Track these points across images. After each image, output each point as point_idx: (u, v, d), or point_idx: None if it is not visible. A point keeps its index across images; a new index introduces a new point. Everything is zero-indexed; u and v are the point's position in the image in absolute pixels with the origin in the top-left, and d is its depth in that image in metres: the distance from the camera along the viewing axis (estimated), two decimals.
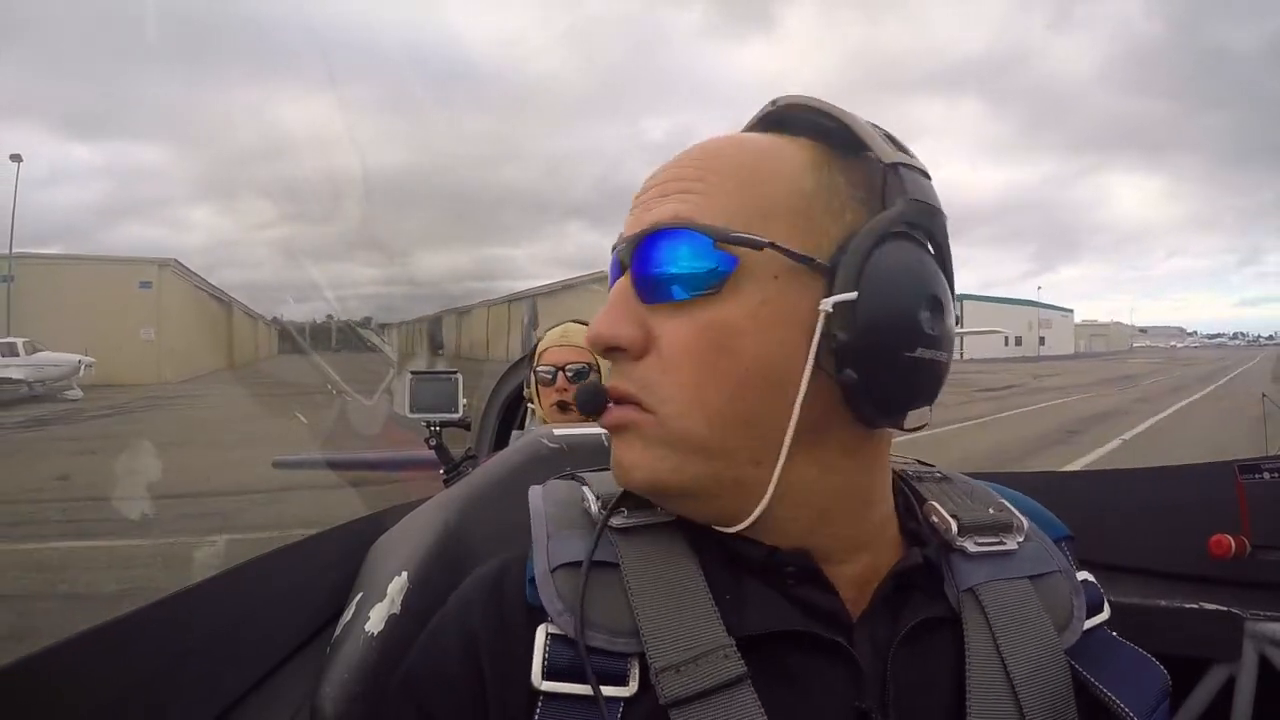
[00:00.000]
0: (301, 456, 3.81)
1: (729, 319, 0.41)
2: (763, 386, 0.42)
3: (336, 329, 78.21)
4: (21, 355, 16.46)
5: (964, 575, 0.46)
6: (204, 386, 20.67)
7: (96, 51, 63.45)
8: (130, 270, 23.88)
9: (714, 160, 0.45)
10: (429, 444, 1.98)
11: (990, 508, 0.51)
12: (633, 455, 0.44)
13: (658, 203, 0.45)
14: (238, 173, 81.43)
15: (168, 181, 70.66)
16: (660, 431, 0.43)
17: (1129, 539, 1.07)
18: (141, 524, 5.22)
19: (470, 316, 39.31)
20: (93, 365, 17.69)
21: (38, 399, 15.45)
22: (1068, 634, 0.46)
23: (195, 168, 75.02)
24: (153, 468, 7.14)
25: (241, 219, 79.01)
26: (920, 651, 0.43)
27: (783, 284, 0.41)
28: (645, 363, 0.43)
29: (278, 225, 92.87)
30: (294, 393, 16.34)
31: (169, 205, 70.01)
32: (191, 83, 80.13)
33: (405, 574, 0.69)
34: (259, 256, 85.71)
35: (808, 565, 0.44)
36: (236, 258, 36.32)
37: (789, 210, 0.43)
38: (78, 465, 7.98)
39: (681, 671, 0.40)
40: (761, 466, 0.42)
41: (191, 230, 67.81)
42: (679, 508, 0.46)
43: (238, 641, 0.66)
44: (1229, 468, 0.99)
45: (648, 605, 0.43)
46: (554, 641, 0.42)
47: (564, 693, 0.41)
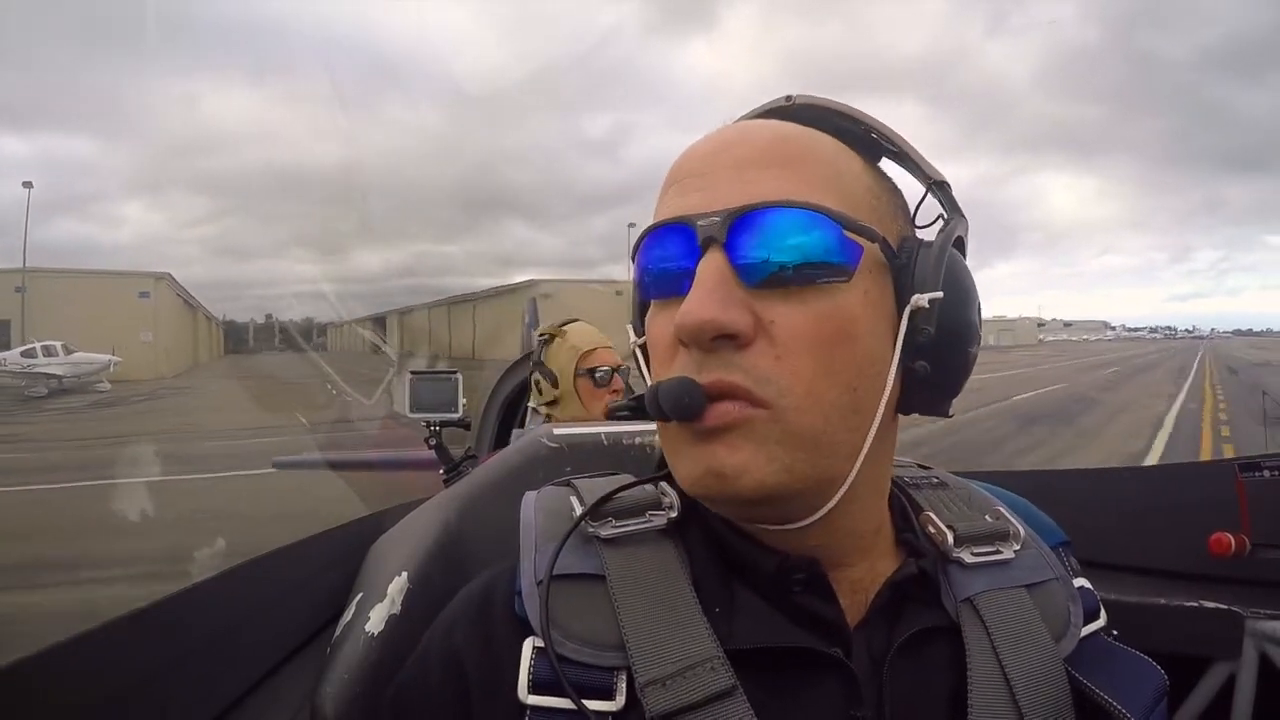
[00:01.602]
0: (301, 457, 3.81)
1: (849, 308, 0.41)
2: (869, 378, 0.41)
3: (279, 328, 77.01)
4: (60, 355, 20.17)
5: (961, 585, 0.46)
6: (192, 380, 25.13)
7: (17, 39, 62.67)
8: (132, 282, 29.06)
9: (793, 144, 0.43)
10: (429, 444, 1.97)
11: (987, 515, 0.50)
12: (741, 458, 0.39)
13: (744, 177, 0.41)
14: (169, 167, 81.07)
15: (97, 175, 70.20)
16: (775, 428, 0.39)
17: (1129, 538, 1.07)
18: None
19: (411, 316, 40.22)
20: (119, 363, 21.82)
21: (67, 392, 19.07)
22: (1065, 642, 0.46)
23: (125, 161, 74.57)
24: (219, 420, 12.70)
25: (174, 214, 78.38)
26: (916, 661, 0.43)
27: (876, 277, 0.42)
28: (753, 351, 0.39)
29: (209, 222, 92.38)
30: (267, 382, 21.34)
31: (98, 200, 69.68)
32: (122, 72, 79.41)
33: (405, 574, 0.69)
34: (190, 254, 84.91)
35: (816, 573, 0.43)
36: (168, 255, 36.70)
37: (868, 208, 0.44)
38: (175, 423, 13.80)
39: (667, 685, 0.39)
40: (849, 461, 0.42)
41: (121, 226, 67.31)
42: (754, 513, 0.43)
43: (238, 641, 0.66)
44: (1229, 466, 0.99)
45: (634, 617, 0.42)
46: (539, 655, 0.42)
47: (550, 706, 0.41)
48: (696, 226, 0.41)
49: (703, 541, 0.46)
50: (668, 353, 0.43)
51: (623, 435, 0.89)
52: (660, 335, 0.43)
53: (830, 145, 0.45)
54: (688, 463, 0.42)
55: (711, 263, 0.40)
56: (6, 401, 17.36)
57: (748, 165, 0.42)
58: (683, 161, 0.45)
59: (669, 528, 0.46)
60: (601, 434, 0.90)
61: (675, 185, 0.44)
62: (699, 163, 0.44)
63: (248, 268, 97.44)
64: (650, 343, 0.45)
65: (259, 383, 23.04)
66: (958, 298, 0.43)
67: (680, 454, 0.42)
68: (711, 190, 0.42)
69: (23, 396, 18.01)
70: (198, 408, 17.03)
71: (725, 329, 0.39)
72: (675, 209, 0.43)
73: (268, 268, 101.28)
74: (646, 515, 0.46)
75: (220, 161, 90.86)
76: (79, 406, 16.96)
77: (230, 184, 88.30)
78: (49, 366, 19.73)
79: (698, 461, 0.41)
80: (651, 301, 0.45)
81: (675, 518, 0.47)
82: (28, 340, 21.66)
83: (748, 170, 0.42)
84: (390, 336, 39.39)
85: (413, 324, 39.83)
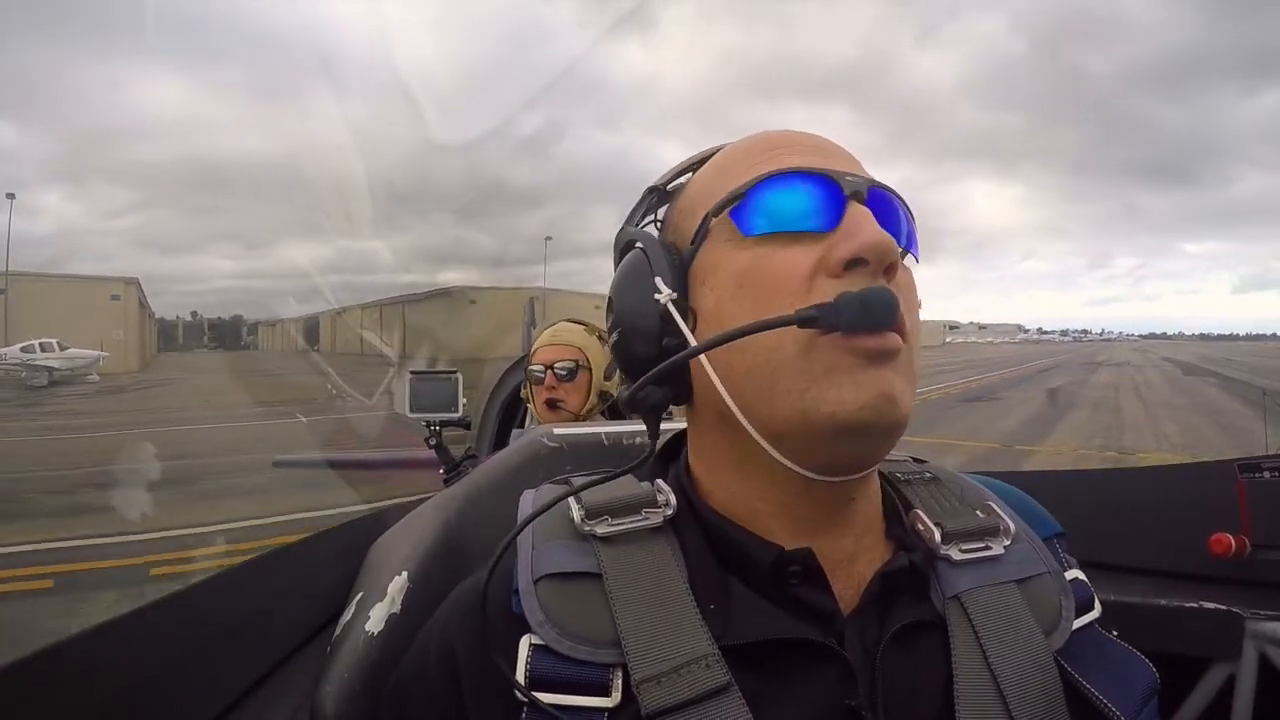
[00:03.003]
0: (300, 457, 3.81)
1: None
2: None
3: (209, 325, 77.26)
4: (55, 351, 23.12)
5: (949, 583, 0.46)
6: (154, 374, 28.47)
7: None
8: (105, 287, 33.08)
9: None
10: (429, 444, 1.98)
11: (978, 510, 0.51)
12: (902, 384, 0.42)
13: (854, 161, 0.48)
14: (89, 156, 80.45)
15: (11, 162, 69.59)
16: (909, 363, 0.43)
17: (1129, 538, 1.07)
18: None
19: (344, 315, 41.03)
20: (107, 358, 24.83)
21: (61, 383, 21.34)
22: (1056, 636, 0.46)
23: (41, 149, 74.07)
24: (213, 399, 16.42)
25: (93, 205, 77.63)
26: (908, 652, 0.44)
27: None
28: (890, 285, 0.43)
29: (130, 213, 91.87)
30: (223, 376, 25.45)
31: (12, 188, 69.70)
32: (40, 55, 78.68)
33: (405, 573, 0.69)
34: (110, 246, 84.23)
35: (811, 565, 0.44)
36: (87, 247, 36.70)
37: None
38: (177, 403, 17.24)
39: (663, 682, 0.40)
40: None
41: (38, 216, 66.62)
42: (876, 448, 0.44)
43: (238, 641, 0.66)
44: (1229, 467, 1.00)
45: (630, 615, 0.42)
46: (536, 652, 0.42)
47: (546, 703, 0.41)
48: (843, 180, 0.44)
49: (698, 538, 0.46)
50: (800, 284, 0.42)
51: (623, 435, 0.89)
52: (791, 267, 0.43)
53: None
54: (852, 388, 0.40)
55: (863, 209, 0.43)
56: (15, 389, 19.92)
57: (856, 160, 0.48)
58: (782, 136, 0.49)
59: (664, 525, 0.47)
60: (601, 434, 0.90)
61: (782, 149, 0.47)
62: (808, 139, 0.48)
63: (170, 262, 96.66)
64: (763, 278, 0.43)
65: (221, 378, 26.60)
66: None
67: (836, 380, 0.41)
68: (833, 161, 0.46)
69: (26, 385, 20.53)
70: (196, 391, 20.58)
71: (896, 257, 0.43)
72: (805, 164, 0.45)
73: (191, 263, 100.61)
74: (642, 513, 0.47)
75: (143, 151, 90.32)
76: (90, 393, 19.76)
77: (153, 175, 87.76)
78: (46, 360, 22.28)
79: (868, 386, 0.40)
80: (755, 239, 0.44)
81: (670, 515, 0.47)
82: (10, 338, 24.74)
83: (858, 164, 0.48)
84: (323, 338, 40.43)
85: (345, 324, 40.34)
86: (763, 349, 0.42)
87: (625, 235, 0.52)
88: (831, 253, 0.42)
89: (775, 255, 0.43)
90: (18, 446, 10.29)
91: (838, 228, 0.43)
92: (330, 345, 42.09)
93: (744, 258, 0.44)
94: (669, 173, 0.54)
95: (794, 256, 0.43)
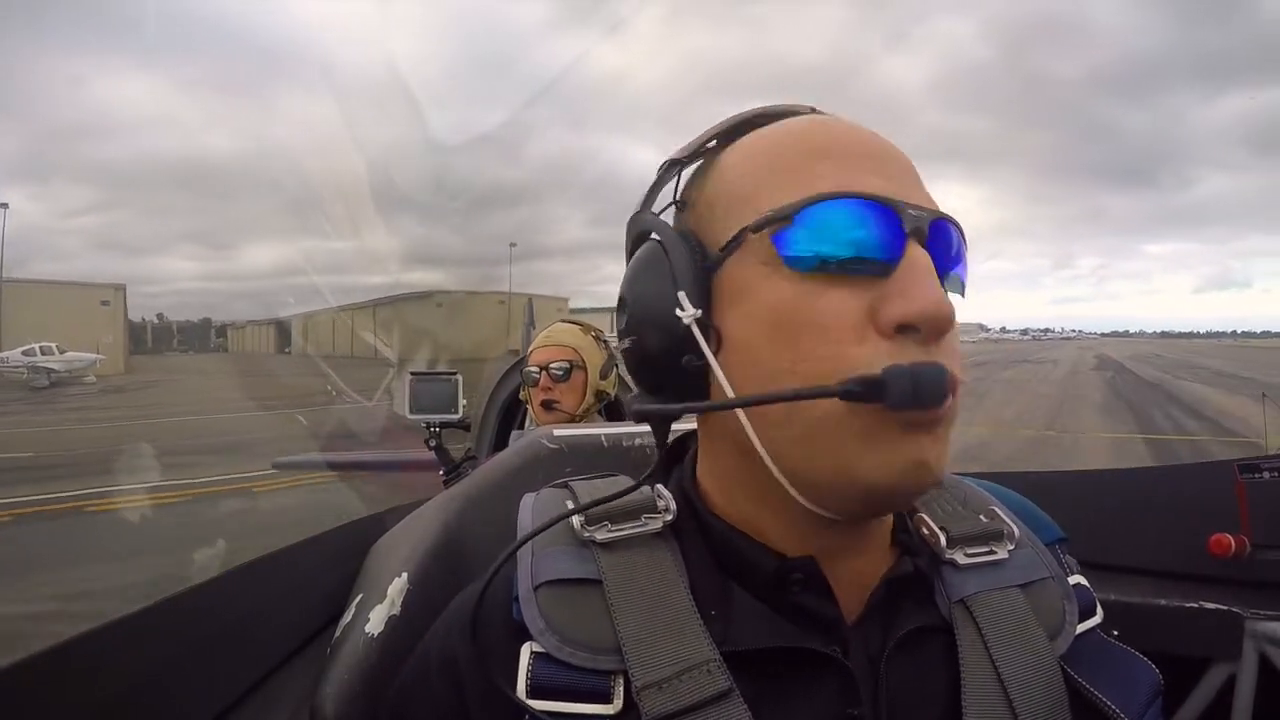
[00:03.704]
0: (301, 458, 3.81)
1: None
2: None
3: (177, 329, 77.36)
4: (55, 354, 24.49)
5: (954, 587, 0.46)
6: (141, 376, 29.73)
7: None
8: (95, 292, 35.73)
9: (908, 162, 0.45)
10: (429, 444, 1.97)
11: (982, 515, 0.50)
12: (943, 451, 0.39)
13: (918, 183, 0.43)
14: (50, 153, 79.88)
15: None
16: (952, 423, 0.40)
17: (1129, 539, 1.07)
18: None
19: (315, 319, 42.11)
20: (104, 360, 26.61)
21: (60, 385, 22.79)
22: (1060, 640, 0.46)
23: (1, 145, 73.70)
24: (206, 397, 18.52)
25: (54, 205, 77.06)
26: (912, 659, 0.43)
27: None
28: (940, 349, 0.39)
29: (91, 213, 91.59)
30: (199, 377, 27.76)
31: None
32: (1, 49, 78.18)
33: (405, 575, 0.69)
34: (71, 247, 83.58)
35: (814, 572, 0.43)
36: (48, 246, 36.98)
37: None
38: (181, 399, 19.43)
39: (664, 688, 0.39)
40: None
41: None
42: (899, 506, 0.44)
43: (238, 641, 0.66)
44: (1229, 467, 1.00)
45: (630, 621, 0.42)
46: (537, 660, 0.42)
47: (548, 710, 0.41)
48: (905, 214, 0.39)
49: (699, 544, 0.46)
50: (848, 334, 0.38)
51: (623, 436, 0.89)
52: (837, 312, 0.39)
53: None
54: (889, 454, 0.38)
55: (923, 256, 0.39)
56: (20, 390, 21.22)
57: (915, 173, 0.43)
58: (839, 133, 0.43)
59: (665, 531, 0.46)
60: (601, 435, 0.90)
61: (835, 157, 0.42)
62: (867, 142, 0.43)
63: (133, 264, 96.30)
64: (805, 319, 0.39)
65: (206, 379, 28.25)
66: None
67: (874, 446, 0.38)
68: (892, 179, 0.41)
69: (28, 386, 21.79)
70: (188, 390, 22.87)
71: (951, 322, 0.39)
72: (864, 186, 0.40)
73: (153, 265, 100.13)
74: (642, 519, 0.46)
75: (107, 149, 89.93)
76: (95, 392, 21.46)
77: (116, 174, 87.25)
78: (47, 362, 23.78)
79: (902, 453, 0.38)
80: (794, 273, 0.40)
81: (671, 521, 0.47)
82: (6, 342, 26.40)
83: (918, 180, 0.43)
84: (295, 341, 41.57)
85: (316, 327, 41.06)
86: (803, 404, 0.39)
87: (641, 223, 0.48)
88: (884, 307, 0.38)
89: (821, 297, 0.39)
90: (88, 431, 12.55)
91: (894, 273, 0.39)
92: (303, 348, 43.31)
93: (784, 290, 0.40)
94: (694, 142, 0.48)
95: (841, 302, 0.39)
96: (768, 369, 0.40)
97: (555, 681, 0.41)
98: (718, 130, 0.47)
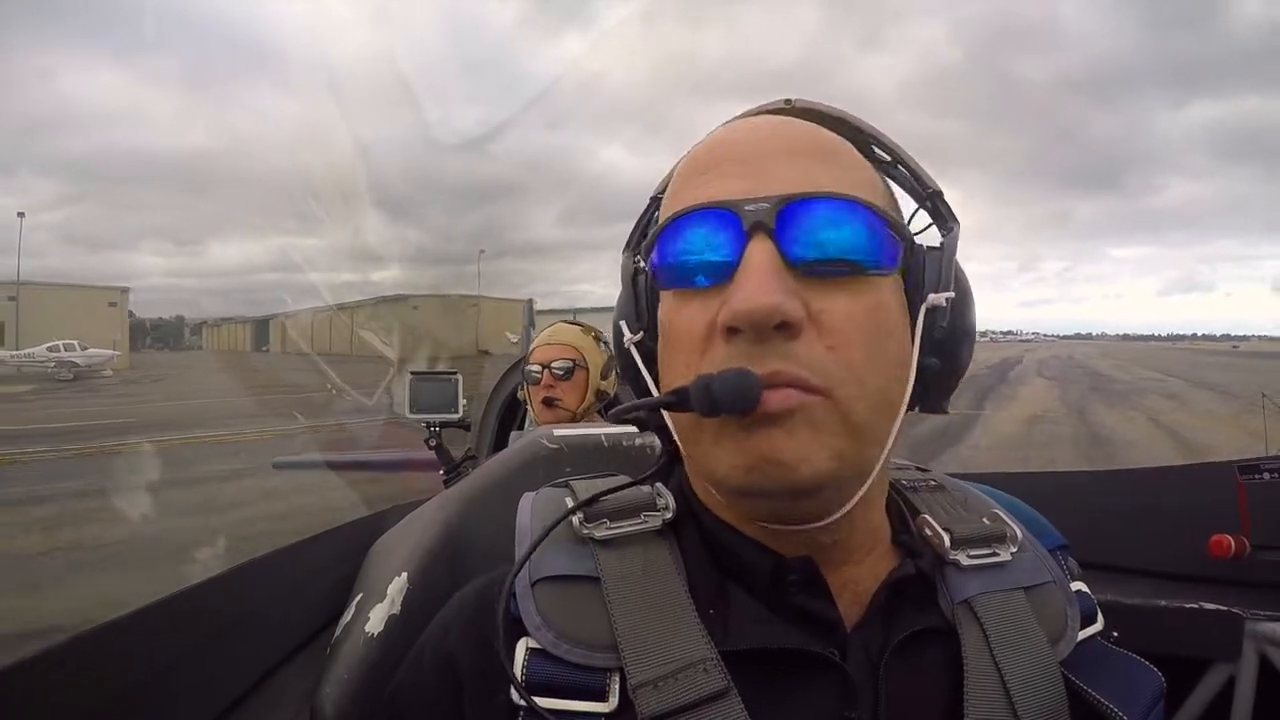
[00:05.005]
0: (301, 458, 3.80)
1: (889, 302, 0.41)
2: (899, 370, 0.42)
3: (150, 326, 77.93)
4: (77, 350, 27.31)
5: (958, 588, 0.46)
6: (143, 371, 32.26)
7: None
8: (103, 294, 38.61)
9: (832, 142, 0.44)
10: (429, 444, 1.98)
11: (985, 517, 0.50)
12: (801, 445, 0.38)
13: (795, 165, 0.41)
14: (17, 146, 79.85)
15: None
16: (833, 415, 0.38)
17: (1129, 539, 1.07)
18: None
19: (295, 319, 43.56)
20: (119, 356, 30.17)
21: (78, 379, 25.21)
22: (1062, 645, 0.45)
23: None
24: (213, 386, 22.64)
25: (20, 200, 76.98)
26: (912, 663, 0.43)
27: (897, 275, 0.43)
28: (804, 341, 0.38)
29: (56, 208, 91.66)
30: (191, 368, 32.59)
31: None
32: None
33: (405, 574, 0.69)
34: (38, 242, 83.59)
35: (812, 573, 0.43)
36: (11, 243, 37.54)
37: (889, 207, 0.45)
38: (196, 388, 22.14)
39: (659, 687, 0.39)
40: (880, 452, 0.41)
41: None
42: (793, 508, 0.41)
43: (238, 641, 0.66)
44: (1229, 468, 1.00)
45: (627, 619, 0.42)
46: (533, 656, 0.42)
47: (543, 708, 0.40)
48: (742, 212, 0.39)
49: (697, 543, 0.46)
50: (697, 345, 0.40)
51: (622, 436, 0.89)
52: (688, 326, 0.41)
53: (850, 149, 0.45)
54: (735, 454, 0.39)
55: (762, 250, 0.39)
56: (49, 382, 23.68)
57: (798, 154, 0.42)
58: (716, 147, 0.44)
59: (663, 529, 0.46)
60: (601, 435, 0.90)
61: (710, 171, 0.43)
62: (741, 148, 0.43)
63: (98, 259, 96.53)
64: (672, 335, 0.43)
65: (198, 373, 31.52)
66: (963, 299, 0.45)
67: (723, 446, 0.40)
68: (758, 177, 0.41)
69: (55, 379, 24.37)
70: (193, 381, 25.35)
71: (787, 316, 0.38)
72: (715, 193, 0.41)
73: (122, 260, 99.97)
74: (641, 516, 0.46)
75: (73, 143, 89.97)
76: (118, 383, 24.30)
77: (83, 168, 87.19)
78: (70, 357, 26.53)
79: (748, 451, 0.39)
80: (671, 291, 0.43)
81: (669, 519, 0.47)
82: (22, 340, 30.08)
83: (798, 159, 0.42)
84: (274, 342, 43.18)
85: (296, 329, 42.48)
86: (674, 415, 0.43)
87: (623, 260, 0.50)
88: (721, 313, 0.39)
89: (681, 311, 0.42)
90: (144, 408, 15.80)
91: (734, 275, 0.39)
92: (280, 346, 45.93)
93: (666, 309, 0.44)
94: (666, 177, 0.50)
95: (693, 314, 0.41)
96: (665, 381, 0.44)
97: (551, 678, 0.41)
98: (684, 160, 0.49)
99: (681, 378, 0.40)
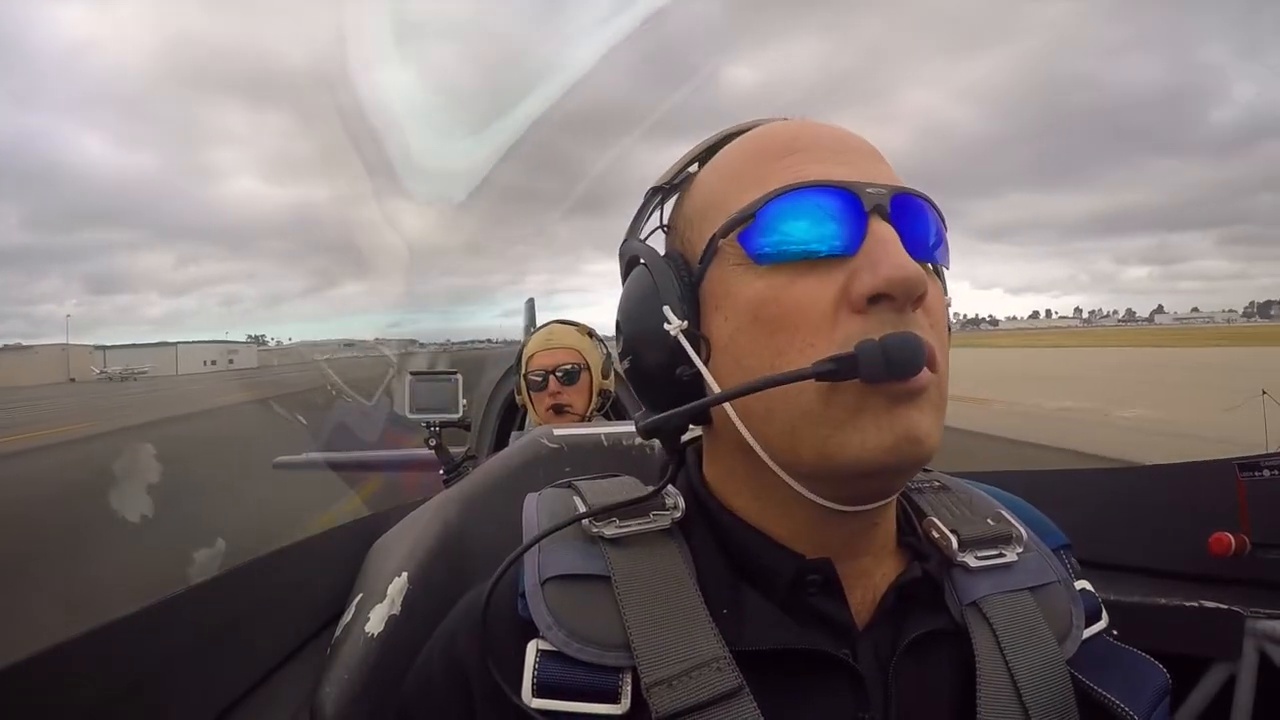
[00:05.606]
0: (301, 457, 3.80)
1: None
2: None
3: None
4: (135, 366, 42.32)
5: (966, 589, 0.46)
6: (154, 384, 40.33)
7: None
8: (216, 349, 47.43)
9: (878, 149, 0.46)
10: (429, 444, 1.98)
11: (989, 518, 0.50)
12: (931, 422, 0.39)
13: (881, 164, 0.44)
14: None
15: None
16: (940, 394, 0.40)
17: (1129, 538, 1.07)
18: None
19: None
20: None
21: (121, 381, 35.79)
22: (1068, 644, 0.46)
23: None
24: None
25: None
26: (922, 663, 0.43)
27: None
28: (918, 318, 0.39)
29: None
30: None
31: None
32: None
33: (405, 574, 0.69)
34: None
35: (831, 576, 0.43)
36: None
37: None
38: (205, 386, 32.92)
39: (674, 685, 0.39)
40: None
41: None
42: (892, 484, 0.42)
43: (238, 641, 0.66)
44: (1229, 466, 1.00)
45: (639, 618, 0.41)
46: (544, 658, 0.41)
47: (555, 709, 0.40)
48: (864, 193, 0.40)
49: (708, 542, 0.46)
50: (824, 319, 0.39)
51: (622, 436, 0.89)
52: (811, 299, 0.39)
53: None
54: (880, 430, 0.38)
55: (886, 229, 0.40)
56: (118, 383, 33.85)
57: (872, 155, 0.44)
58: (798, 135, 0.44)
59: (673, 528, 0.46)
60: (601, 435, 0.90)
61: (798, 153, 0.43)
62: (825, 139, 0.44)
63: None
64: (778, 312, 0.40)
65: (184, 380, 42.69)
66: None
67: (862, 422, 0.38)
68: (854, 165, 0.42)
69: (109, 379, 33.87)
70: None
71: (926, 288, 0.39)
72: (820, 174, 0.41)
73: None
74: (650, 515, 0.46)
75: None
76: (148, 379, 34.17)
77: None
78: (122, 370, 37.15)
79: (892, 428, 0.38)
80: (770, 267, 0.41)
81: (679, 518, 0.47)
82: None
83: (876, 159, 0.44)
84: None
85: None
86: (781, 394, 0.39)
87: (629, 249, 0.49)
88: (853, 284, 0.38)
89: (792, 286, 0.40)
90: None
91: (859, 250, 0.39)
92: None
93: (758, 287, 0.41)
94: (672, 168, 0.50)
95: (813, 288, 0.39)
96: (753, 366, 0.41)
97: (562, 680, 0.41)
98: (695, 153, 0.49)
99: (799, 355, 0.39)
